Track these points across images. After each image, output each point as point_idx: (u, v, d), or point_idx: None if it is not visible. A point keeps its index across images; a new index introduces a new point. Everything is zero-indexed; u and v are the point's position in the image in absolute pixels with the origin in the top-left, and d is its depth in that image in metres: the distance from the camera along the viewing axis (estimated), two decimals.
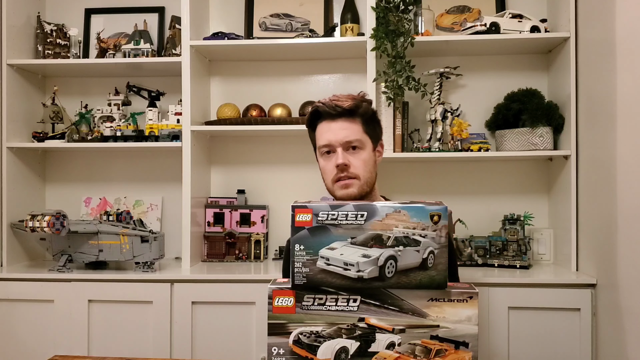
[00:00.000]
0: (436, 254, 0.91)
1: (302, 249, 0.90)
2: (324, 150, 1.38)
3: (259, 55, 2.44)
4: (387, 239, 0.90)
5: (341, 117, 1.36)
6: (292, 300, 0.93)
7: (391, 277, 0.90)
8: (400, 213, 0.90)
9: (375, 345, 0.92)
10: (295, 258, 0.89)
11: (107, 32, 2.53)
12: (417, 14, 2.30)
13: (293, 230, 0.89)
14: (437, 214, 0.90)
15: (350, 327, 0.93)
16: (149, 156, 2.54)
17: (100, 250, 2.13)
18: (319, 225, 0.89)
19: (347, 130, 1.35)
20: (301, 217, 0.90)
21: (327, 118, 1.37)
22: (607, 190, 1.80)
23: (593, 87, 1.95)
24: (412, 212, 0.90)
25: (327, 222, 0.90)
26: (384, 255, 0.90)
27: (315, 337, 0.93)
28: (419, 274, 0.91)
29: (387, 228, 0.89)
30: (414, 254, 0.90)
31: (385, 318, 0.92)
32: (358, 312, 0.93)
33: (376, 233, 0.89)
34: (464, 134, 2.22)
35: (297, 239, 0.90)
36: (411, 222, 0.90)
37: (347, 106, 1.35)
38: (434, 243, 0.91)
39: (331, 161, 1.36)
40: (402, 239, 0.90)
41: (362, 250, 0.90)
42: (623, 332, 1.69)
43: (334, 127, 1.35)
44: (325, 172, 1.39)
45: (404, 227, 0.90)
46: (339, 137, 1.34)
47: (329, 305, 0.93)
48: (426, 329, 0.92)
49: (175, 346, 2.03)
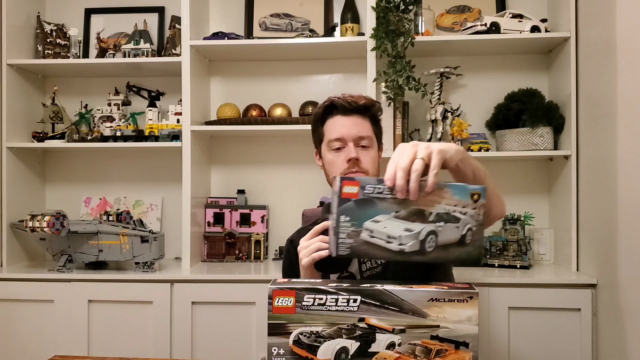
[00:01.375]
0: (474, 231, 0.94)
1: (348, 220, 0.91)
2: (335, 145, 1.37)
3: (259, 55, 2.43)
4: (429, 215, 0.92)
5: (355, 113, 1.37)
6: (292, 300, 0.93)
7: (431, 252, 0.92)
8: (443, 190, 0.92)
9: (375, 346, 0.92)
10: (340, 229, 0.90)
11: (107, 32, 2.53)
12: (417, 13, 2.30)
13: (340, 201, 0.90)
14: (477, 193, 0.93)
15: (350, 327, 0.93)
16: (149, 156, 2.54)
17: (100, 250, 2.13)
18: (365, 197, 0.90)
19: (359, 127, 1.36)
20: (348, 189, 0.91)
21: (341, 112, 1.38)
22: (607, 190, 1.80)
23: (593, 87, 1.95)
24: (454, 190, 0.92)
25: (373, 195, 0.91)
26: (425, 229, 0.92)
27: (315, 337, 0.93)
28: (457, 249, 0.94)
29: (430, 204, 0.92)
30: (453, 230, 0.93)
31: (385, 318, 0.92)
32: (358, 312, 0.93)
33: (419, 208, 0.91)
34: (464, 134, 2.22)
35: (343, 210, 0.91)
36: (453, 199, 0.93)
37: (362, 103, 1.37)
38: (472, 220, 0.93)
39: (341, 156, 1.35)
40: (443, 215, 0.92)
41: (405, 224, 0.92)
42: (623, 332, 1.69)
43: (347, 122, 1.36)
44: (332, 166, 1.37)
45: (445, 203, 0.92)
46: (352, 132, 1.35)
47: (329, 305, 0.93)
48: (426, 329, 0.92)
49: (175, 346, 2.03)
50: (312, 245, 1.18)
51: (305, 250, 1.19)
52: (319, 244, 1.17)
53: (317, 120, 1.43)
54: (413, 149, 0.96)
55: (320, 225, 1.21)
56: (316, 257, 1.16)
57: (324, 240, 1.18)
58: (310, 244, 1.18)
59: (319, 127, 1.43)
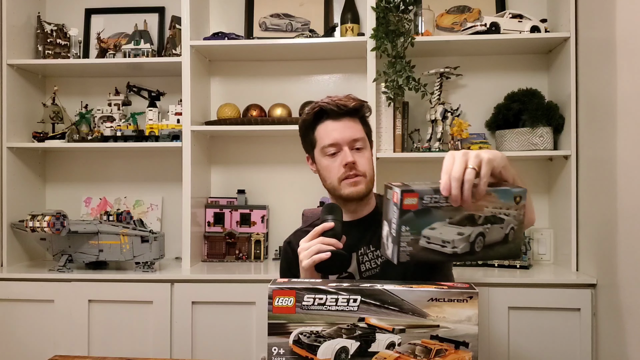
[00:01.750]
0: (515, 230, 1.01)
1: (408, 229, 0.97)
2: (330, 151, 1.35)
3: (259, 55, 2.44)
4: (479, 218, 0.99)
5: (345, 117, 1.35)
6: (292, 300, 0.94)
7: (479, 251, 1.00)
8: (491, 195, 0.99)
9: (375, 345, 0.93)
10: (402, 238, 0.97)
11: (107, 32, 2.53)
12: (417, 14, 2.30)
13: (401, 213, 0.96)
14: (519, 196, 1.01)
15: (350, 327, 0.93)
16: (149, 156, 2.54)
17: (101, 250, 2.13)
18: (424, 208, 0.97)
19: (352, 129, 1.35)
20: (408, 200, 0.97)
21: (331, 117, 1.36)
22: (607, 190, 1.80)
23: (593, 87, 1.95)
24: (499, 194, 0.99)
25: (430, 205, 0.98)
26: (474, 232, 0.99)
27: (315, 337, 0.93)
28: (500, 247, 1.01)
29: (479, 209, 0.99)
30: (498, 230, 1.00)
31: (385, 318, 0.92)
32: (358, 312, 0.93)
33: (470, 213, 0.99)
34: (464, 134, 2.22)
35: (404, 221, 0.97)
36: (498, 202, 1.00)
37: (352, 106, 1.36)
38: (514, 220, 1.01)
39: (337, 160, 1.34)
40: (490, 218, 1.00)
41: (457, 229, 0.99)
42: (623, 332, 1.69)
43: (339, 126, 1.35)
44: (329, 171, 1.36)
45: (492, 207, 1.00)
46: (346, 136, 1.34)
47: (329, 305, 0.93)
48: (426, 329, 0.92)
49: (175, 346, 2.03)
50: (312, 247, 1.17)
51: (306, 252, 1.18)
52: (320, 246, 1.17)
53: (307, 126, 1.40)
54: (464, 157, 1.00)
55: (320, 227, 1.21)
56: (317, 259, 1.15)
57: (324, 242, 1.17)
58: (311, 246, 1.18)
59: (310, 133, 1.40)
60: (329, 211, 1.26)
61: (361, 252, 1.37)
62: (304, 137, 1.43)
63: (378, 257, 1.35)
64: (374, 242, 1.36)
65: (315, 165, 1.43)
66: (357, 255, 1.37)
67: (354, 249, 1.36)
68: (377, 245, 1.35)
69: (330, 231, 1.20)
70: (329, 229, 1.20)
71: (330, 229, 1.20)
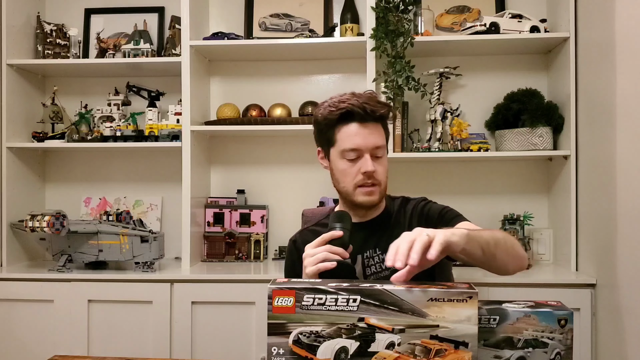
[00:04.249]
0: (562, 355, 0.97)
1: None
2: (351, 156, 1.30)
3: (259, 55, 2.44)
4: (518, 341, 0.96)
5: (372, 122, 1.30)
6: (292, 300, 0.94)
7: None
8: (530, 317, 0.96)
9: (375, 345, 0.93)
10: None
11: (107, 32, 2.53)
12: (417, 14, 2.30)
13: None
14: (564, 318, 0.96)
15: (350, 327, 0.93)
16: (149, 156, 2.54)
17: (100, 250, 2.13)
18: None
19: (375, 136, 1.30)
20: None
21: (357, 120, 1.29)
22: (606, 190, 1.80)
23: (593, 87, 1.95)
24: (540, 316, 0.96)
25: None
26: (514, 356, 0.96)
27: (315, 337, 0.93)
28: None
29: (517, 332, 0.96)
30: (542, 355, 0.96)
31: (385, 318, 0.92)
32: (358, 312, 0.93)
33: (507, 335, 0.96)
34: (463, 134, 2.22)
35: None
36: (540, 326, 0.97)
37: (381, 112, 1.30)
38: (560, 345, 0.96)
39: (355, 166, 1.30)
40: (531, 341, 0.96)
41: (494, 352, 0.96)
42: (623, 332, 1.69)
43: (364, 131, 1.29)
44: (345, 176, 1.32)
45: (533, 330, 0.96)
46: (369, 143, 1.29)
47: (329, 305, 0.93)
48: (426, 328, 0.92)
49: (175, 346, 2.03)
50: (319, 255, 1.15)
51: (311, 258, 1.16)
52: (326, 254, 1.15)
53: (329, 124, 1.33)
54: (416, 232, 0.98)
55: (328, 235, 1.18)
56: (322, 267, 1.13)
57: (331, 251, 1.15)
58: (317, 253, 1.16)
59: (330, 131, 1.33)
60: (339, 219, 1.23)
61: (367, 255, 1.35)
62: (322, 132, 1.36)
63: (384, 261, 1.34)
64: (381, 245, 1.34)
65: (327, 162, 1.38)
66: (363, 258, 1.35)
67: (360, 252, 1.34)
68: (384, 249, 1.33)
69: (338, 240, 1.17)
70: (337, 237, 1.18)
71: (338, 238, 1.18)
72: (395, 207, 1.42)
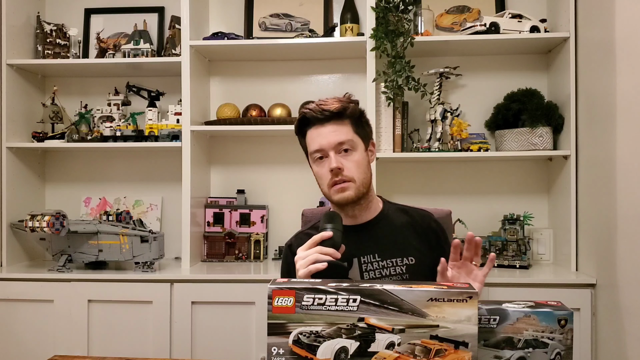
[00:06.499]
0: (562, 355, 0.97)
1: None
2: (316, 156, 1.33)
3: (259, 55, 2.44)
4: (518, 342, 0.97)
5: (330, 121, 1.32)
6: (292, 300, 0.94)
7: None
8: (530, 317, 0.97)
9: (374, 345, 0.93)
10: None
11: (106, 32, 2.53)
12: (417, 14, 2.30)
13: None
14: (564, 318, 0.97)
15: (350, 327, 0.93)
16: (149, 156, 2.54)
17: (100, 250, 2.13)
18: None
19: (337, 133, 1.32)
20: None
21: (315, 123, 1.33)
22: (606, 190, 1.80)
23: (593, 87, 1.95)
24: (540, 316, 0.97)
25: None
26: (514, 356, 0.97)
27: (315, 337, 0.93)
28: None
29: (518, 332, 0.97)
30: (542, 355, 0.97)
31: (385, 318, 0.92)
32: (358, 312, 0.93)
33: (508, 336, 0.97)
34: (463, 134, 2.22)
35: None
36: (540, 326, 0.97)
37: (334, 109, 1.32)
38: (560, 345, 0.97)
39: (325, 166, 1.32)
40: (532, 342, 0.97)
41: (494, 352, 0.97)
42: (623, 332, 1.69)
43: (324, 131, 1.32)
44: (320, 178, 1.35)
45: (533, 330, 0.97)
46: (330, 141, 1.31)
47: (329, 305, 0.93)
48: (426, 328, 0.92)
49: (175, 346, 2.03)
50: (309, 257, 1.16)
51: (303, 261, 1.16)
52: (317, 256, 1.15)
53: (298, 133, 1.40)
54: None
55: (318, 236, 1.19)
56: (313, 269, 1.14)
57: (321, 252, 1.15)
58: (308, 255, 1.16)
59: (302, 139, 1.39)
60: (329, 220, 1.23)
61: (364, 260, 1.34)
62: (300, 142, 1.42)
63: (384, 268, 1.33)
64: (381, 252, 1.34)
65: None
66: (360, 262, 1.35)
67: (356, 255, 1.34)
68: (383, 256, 1.33)
69: (328, 241, 1.18)
70: (327, 238, 1.18)
71: (328, 239, 1.18)
72: (391, 211, 1.42)
